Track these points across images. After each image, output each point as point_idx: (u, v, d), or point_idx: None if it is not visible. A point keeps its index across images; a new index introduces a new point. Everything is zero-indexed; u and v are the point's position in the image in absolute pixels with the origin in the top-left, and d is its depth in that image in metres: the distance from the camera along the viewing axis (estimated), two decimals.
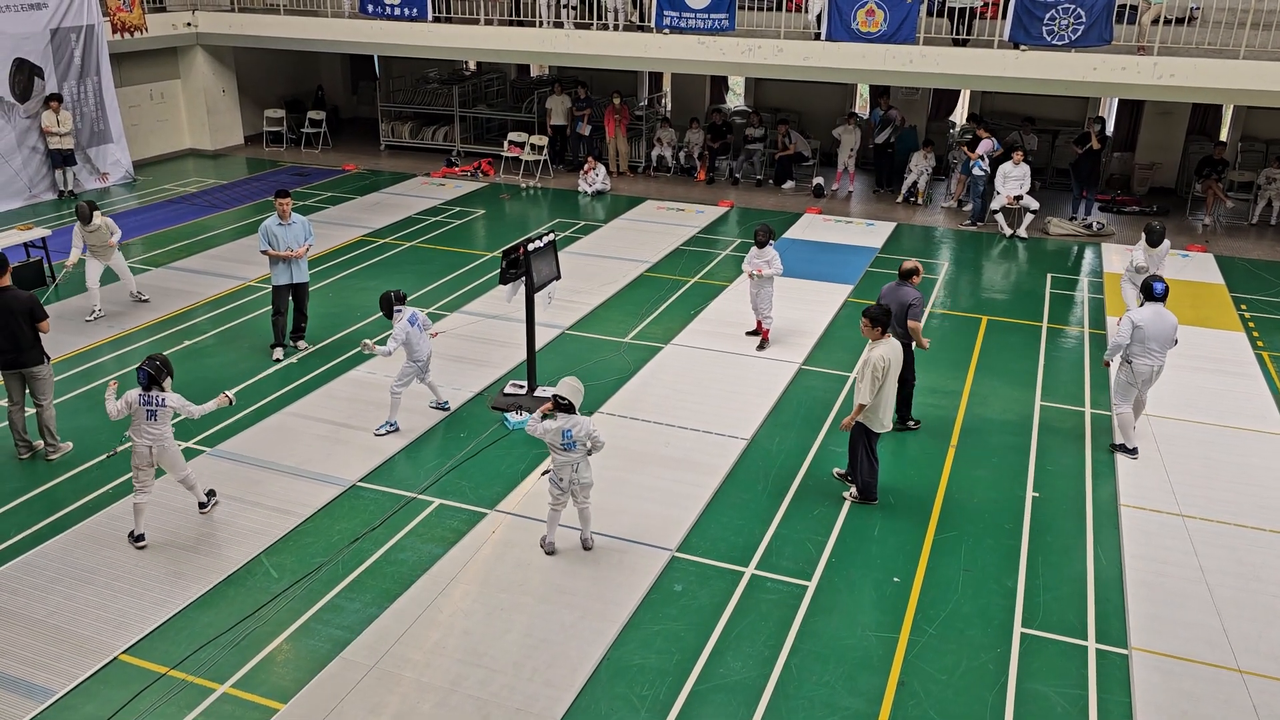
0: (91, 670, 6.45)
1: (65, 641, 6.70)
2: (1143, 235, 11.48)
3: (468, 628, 6.87)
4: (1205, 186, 16.99)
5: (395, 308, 9.28)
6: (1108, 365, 9.27)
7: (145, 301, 12.77)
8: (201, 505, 8.14)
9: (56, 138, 17.47)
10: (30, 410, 9.09)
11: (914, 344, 9.29)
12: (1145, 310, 8.91)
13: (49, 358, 8.99)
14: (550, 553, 7.64)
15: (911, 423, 9.78)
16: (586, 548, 7.73)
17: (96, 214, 11.77)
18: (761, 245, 11.08)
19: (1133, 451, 9.20)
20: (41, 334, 8.78)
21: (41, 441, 9.11)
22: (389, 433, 9.46)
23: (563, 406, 7.22)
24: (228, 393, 7.89)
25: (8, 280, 8.71)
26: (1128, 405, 9.17)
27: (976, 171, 16.67)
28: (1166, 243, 11.57)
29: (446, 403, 10.02)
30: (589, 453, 7.37)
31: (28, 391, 8.94)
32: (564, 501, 7.55)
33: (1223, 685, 6.43)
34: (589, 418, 7.36)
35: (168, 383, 7.51)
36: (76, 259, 11.97)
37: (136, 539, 7.73)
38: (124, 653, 6.62)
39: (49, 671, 6.44)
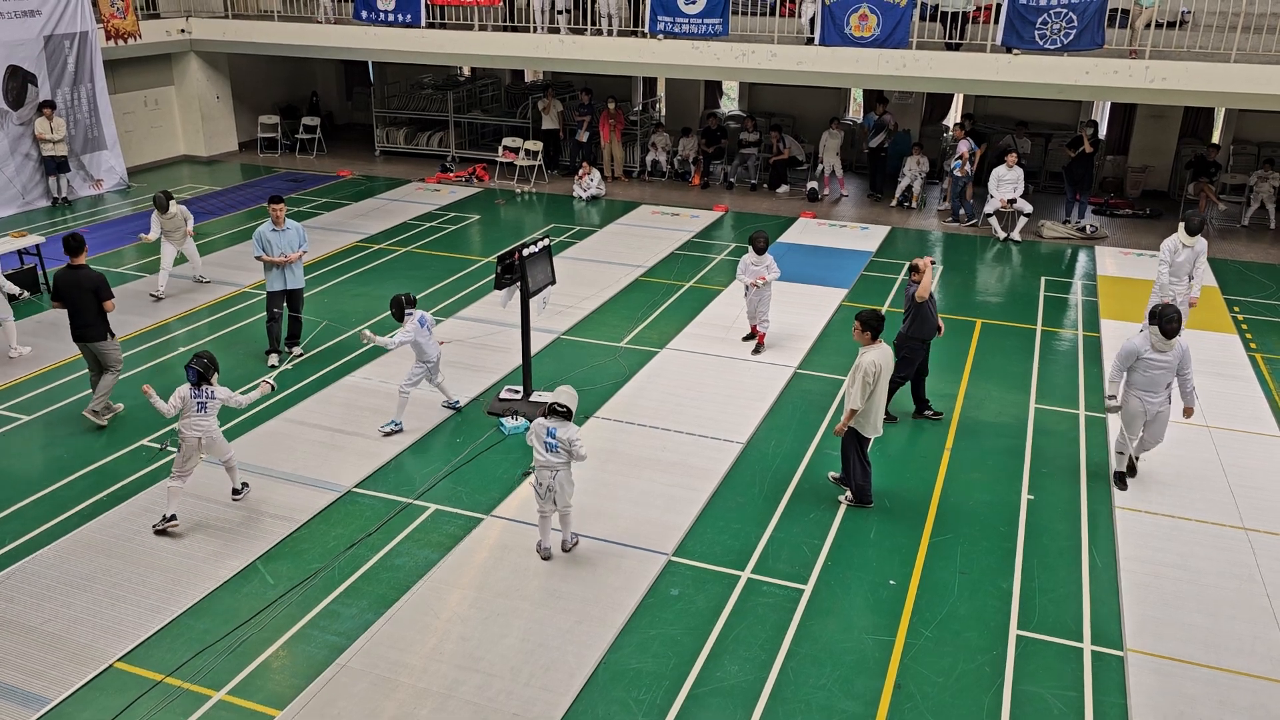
0: (87, 678, 6.44)
1: (60, 649, 6.69)
2: (1180, 226, 11.17)
3: (464, 633, 6.87)
4: (1198, 189, 17.06)
5: (406, 310, 9.38)
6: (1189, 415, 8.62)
7: (207, 283, 13.62)
8: (236, 492, 8.37)
9: (50, 145, 17.45)
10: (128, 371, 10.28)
11: (930, 338, 9.58)
12: (1144, 337, 8.37)
13: (114, 334, 9.65)
14: (546, 558, 7.64)
15: (929, 413, 9.99)
16: (565, 549, 7.73)
17: (172, 202, 12.72)
18: (761, 252, 11.09)
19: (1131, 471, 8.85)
20: (107, 311, 9.47)
21: (121, 405, 9.94)
22: (393, 432, 9.52)
23: (560, 413, 7.25)
24: (268, 379, 8.30)
25: (83, 259, 9.53)
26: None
27: (957, 172, 16.80)
28: (1203, 240, 11.17)
29: (457, 402, 10.11)
30: (569, 461, 7.36)
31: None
32: (550, 510, 7.56)
33: (1218, 686, 6.44)
34: (577, 427, 7.38)
35: (215, 378, 7.91)
36: (157, 235, 12.86)
37: (169, 520, 7.89)
38: (119, 660, 6.60)
39: (44, 679, 6.42)
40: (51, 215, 17.21)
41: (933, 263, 9.68)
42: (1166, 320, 8.19)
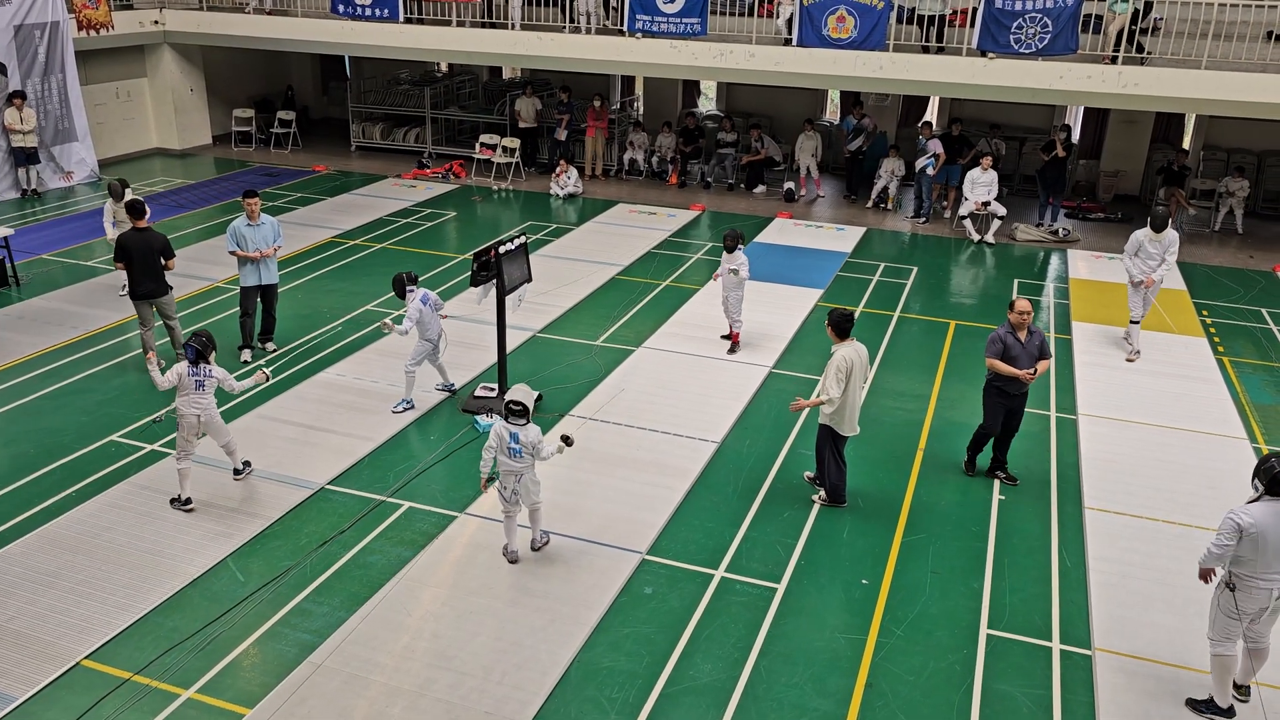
0: (53, 676, 6.36)
1: (26, 647, 6.61)
2: (1149, 222, 11.14)
3: (437, 631, 6.84)
4: (1168, 194, 17.25)
5: (408, 288, 9.60)
6: (1206, 580, 6.21)
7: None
8: (237, 472, 8.56)
9: (20, 136, 17.21)
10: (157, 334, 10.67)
11: (1015, 390, 8.51)
12: (1262, 509, 5.81)
13: (171, 288, 10.51)
14: (513, 561, 7.59)
15: (1001, 475, 8.93)
16: (535, 549, 7.69)
17: (129, 190, 12.48)
18: (730, 250, 11.11)
19: (1227, 713, 6.20)
20: (168, 271, 10.29)
21: (163, 361, 10.26)
22: (406, 409, 9.85)
23: (515, 411, 7.13)
24: (265, 370, 8.51)
25: (145, 222, 10.30)
26: (1232, 645, 6.09)
27: (930, 171, 16.95)
28: (1174, 233, 11.13)
29: (453, 384, 10.33)
30: (533, 462, 7.29)
31: (155, 314, 10.45)
32: (514, 511, 7.49)
33: (1184, 685, 6.52)
34: (537, 427, 7.30)
35: (213, 356, 8.05)
36: (115, 235, 12.16)
37: (184, 503, 8.08)
38: (86, 658, 6.53)
39: (9, 678, 6.34)
40: (21, 207, 16.98)
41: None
42: (1266, 469, 5.81)
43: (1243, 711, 6.30)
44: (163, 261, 10.20)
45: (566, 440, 7.27)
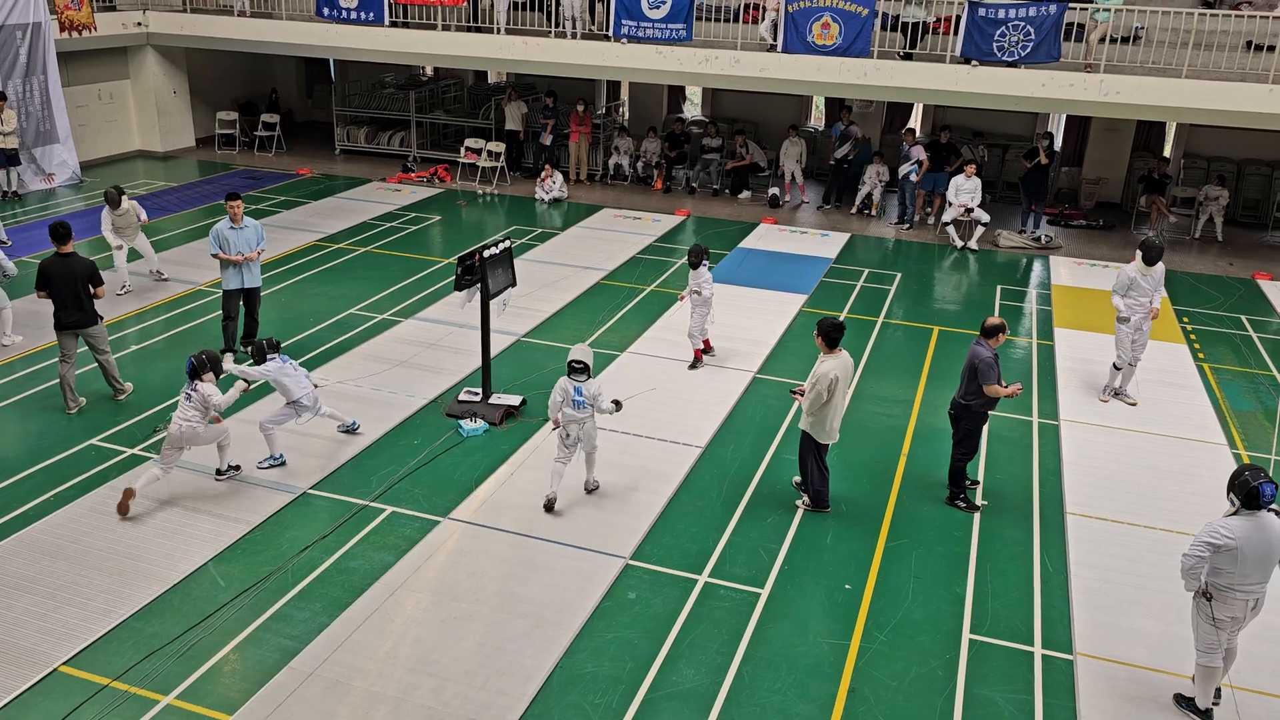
0: (30, 682, 6.30)
1: (3, 653, 6.54)
2: (1138, 252, 10.20)
3: (420, 636, 6.82)
4: (1149, 201, 17.40)
5: (268, 355, 8.82)
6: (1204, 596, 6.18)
7: (165, 280, 13.44)
8: (219, 471, 8.62)
9: (0, 137, 17.07)
10: (84, 367, 10.24)
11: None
12: (1240, 523, 5.98)
13: (101, 318, 9.87)
14: (552, 501, 8.21)
15: (960, 502, 8.67)
16: (589, 490, 8.52)
17: (124, 198, 12.55)
18: (694, 267, 10.89)
19: (1205, 714, 6.35)
20: (97, 299, 9.70)
21: (84, 399, 9.97)
22: (273, 466, 8.86)
23: (577, 369, 8.01)
24: (241, 383, 8.46)
25: (71, 247, 9.65)
26: (1216, 656, 6.19)
27: (914, 177, 17.04)
28: (1162, 265, 10.35)
29: (354, 423, 9.55)
30: (593, 413, 8.07)
31: (83, 349, 9.94)
32: (568, 458, 8.24)
33: (1164, 690, 6.56)
34: (597, 381, 8.09)
35: (208, 376, 8.12)
36: (118, 242, 12.78)
37: (128, 493, 8.06)
38: (64, 664, 6.47)
39: None
40: (0, 209, 16.84)
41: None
42: (1241, 484, 6.00)
43: (1219, 713, 6.36)
44: (91, 289, 9.59)
45: (617, 404, 8.22)
